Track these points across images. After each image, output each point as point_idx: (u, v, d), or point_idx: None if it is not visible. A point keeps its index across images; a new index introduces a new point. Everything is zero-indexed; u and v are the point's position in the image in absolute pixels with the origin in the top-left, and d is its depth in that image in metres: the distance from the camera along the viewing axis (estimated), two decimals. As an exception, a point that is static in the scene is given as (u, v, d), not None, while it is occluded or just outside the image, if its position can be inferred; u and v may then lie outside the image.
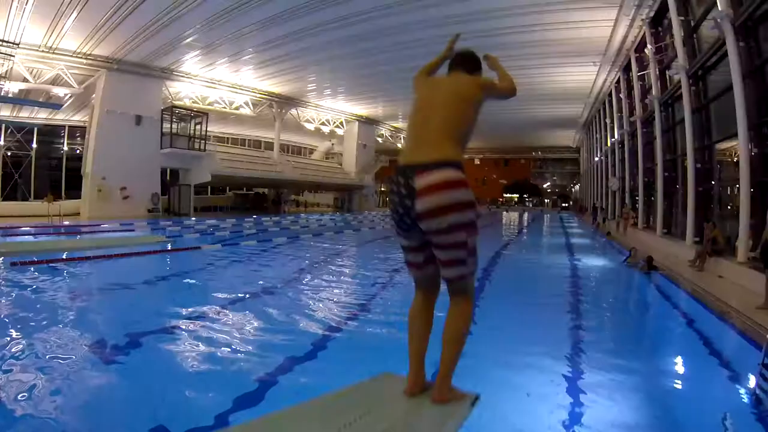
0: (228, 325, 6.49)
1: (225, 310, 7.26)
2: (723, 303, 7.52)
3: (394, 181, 2.27)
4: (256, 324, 6.64)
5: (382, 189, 54.53)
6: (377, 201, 47.78)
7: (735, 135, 9.82)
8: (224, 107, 28.30)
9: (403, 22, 17.92)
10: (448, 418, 5.60)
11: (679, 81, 13.16)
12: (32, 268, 9.03)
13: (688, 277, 9.96)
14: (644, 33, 16.82)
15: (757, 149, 9.38)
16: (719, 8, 9.67)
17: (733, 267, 9.43)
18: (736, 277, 9.17)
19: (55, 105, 22.33)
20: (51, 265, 9.39)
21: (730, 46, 9.45)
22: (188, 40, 19.24)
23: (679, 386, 5.03)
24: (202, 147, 25.64)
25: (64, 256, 10.24)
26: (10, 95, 19.41)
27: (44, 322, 5.96)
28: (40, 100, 22.21)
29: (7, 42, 17.25)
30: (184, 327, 6.26)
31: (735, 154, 10.65)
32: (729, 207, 11.95)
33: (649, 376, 5.07)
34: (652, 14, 15.57)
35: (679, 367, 5.80)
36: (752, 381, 4.56)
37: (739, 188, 9.83)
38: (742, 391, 4.59)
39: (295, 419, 4.81)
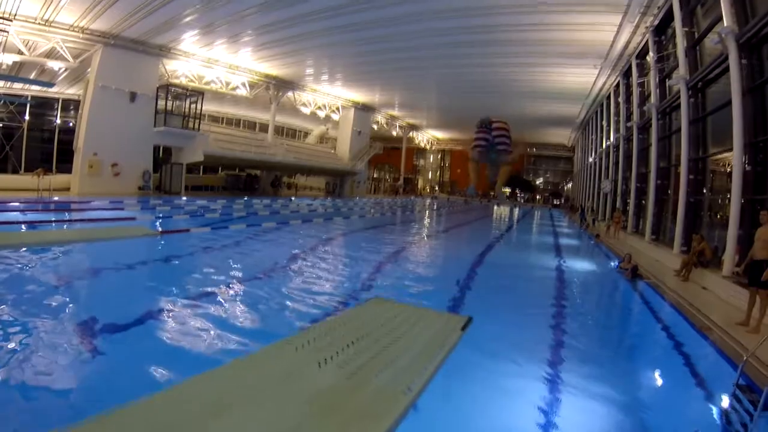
0: (206, 315, 6.60)
1: (206, 297, 7.38)
2: (704, 316, 7.63)
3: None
4: (231, 312, 6.80)
5: (375, 176, 54.53)
6: (369, 187, 47.70)
7: (730, 149, 9.91)
8: (221, 87, 27.91)
9: (404, 13, 17.73)
10: (439, 341, 5.88)
11: (679, 91, 13.20)
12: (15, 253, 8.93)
13: (672, 286, 10.07)
14: (647, 40, 16.77)
15: (751, 166, 9.44)
16: (725, 24, 9.68)
17: (717, 280, 9.54)
18: (719, 290, 9.28)
19: (47, 83, 21.91)
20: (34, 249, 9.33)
21: (733, 63, 9.49)
22: (187, 19, 18.88)
23: (652, 400, 5.13)
24: (196, 126, 25.31)
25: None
26: (3, 67, 18.99)
27: (32, 309, 6.00)
28: (32, 76, 21.76)
29: (2, 15, 16.83)
30: (165, 316, 6.42)
31: (728, 164, 10.74)
32: (718, 216, 12.08)
33: (625, 387, 5.17)
34: (656, 22, 15.52)
35: (655, 380, 5.91)
36: (725, 401, 4.69)
37: (729, 199, 9.93)
38: (714, 409, 4.72)
39: (291, 349, 5.13)
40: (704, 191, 12.65)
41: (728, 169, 10.60)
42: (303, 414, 3.78)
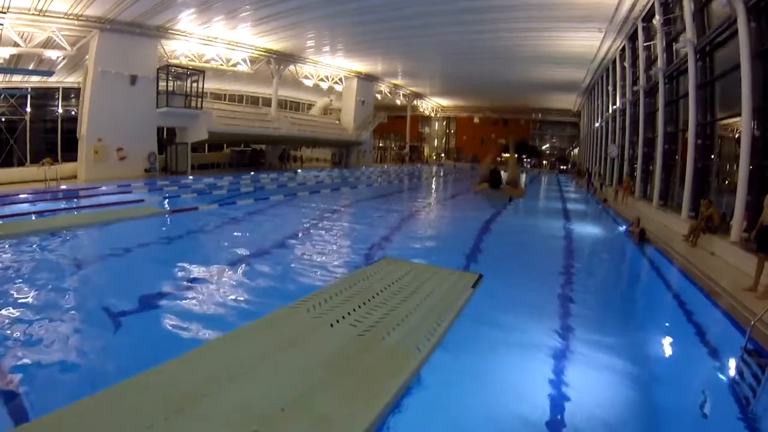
0: (220, 285, 6.91)
1: (220, 271, 7.64)
2: (713, 282, 7.71)
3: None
4: (245, 285, 7.03)
5: (381, 145, 54.37)
6: (375, 157, 47.71)
7: (738, 114, 9.81)
8: (221, 64, 27.63)
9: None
10: (449, 299, 6.02)
11: (686, 55, 12.95)
12: (31, 240, 9.13)
13: (680, 251, 10.17)
14: (653, 3, 16.30)
15: (759, 131, 9.35)
16: (733, -14, 9.45)
17: (725, 245, 9.58)
18: (728, 255, 9.33)
19: (46, 72, 21.74)
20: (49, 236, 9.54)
21: (741, 26, 9.27)
22: (183, -2, 18.59)
23: (660, 364, 5.29)
24: (198, 105, 25.16)
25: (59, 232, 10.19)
26: (0, 61, 18.79)
27: (56, 290, 6.30)
28: (31, 67, 21.56)
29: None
30: (181, 289, 6.70)
31: (737, 130, 10.65)
32: (726, 182, 12.05)
33: (633, 351, 5.30)
34: (663, -16, 15.10)
35: (664, 344, 6.04)
36: (733, 365, 4.84)
37: (737, 166, 9.86)
38: (722, 373, 4.86)
39: (303, 311, 5.30)
40: (712, 156, 12.56)
41: (737, 135, 10.51)
42: (317, 375, 3.88)
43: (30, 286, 6.44)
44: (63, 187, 17.76)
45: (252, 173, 26.36)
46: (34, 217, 11.77)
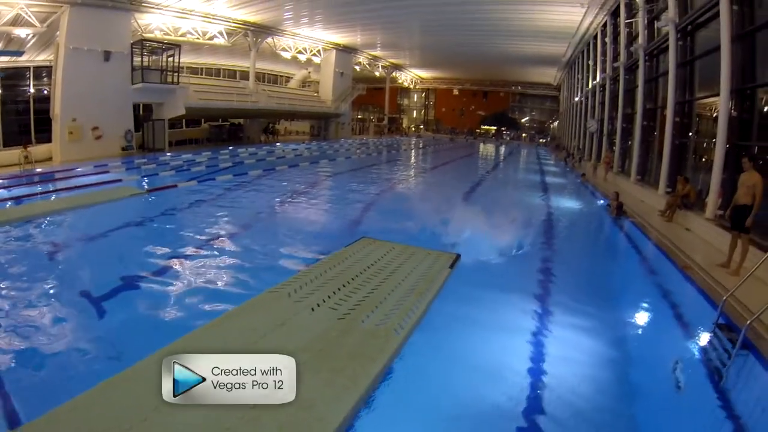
0: (200, 268, 6.96)
1: (199, 253, 7.72)
2: (687, 257, 7.96)
3: None
4: (225, 268, 7.09)
5: (359, 117, 54.09)
6: (354, 128, 47.54)
7: (717, 95, 10.01)
8: (197, 38, 26.86)
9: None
10: (427, 280, 6.16)
11: (667, 33, 13.07)
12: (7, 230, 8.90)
13: (656, 226, 10.47)
14: (636, -21, 16.32)
15: (737, 113, 9.58)
16: (716, -32, 9.54)
17: (700, 222, 9.90)
18: (702, 232, 9.65)
19: (15, 52, 20.78)
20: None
21: (723, 7, 9.38)
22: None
23: (634, 336, 5.53)
24: (175, 80, 24.52)
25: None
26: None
27: (35, 281, 6.26)
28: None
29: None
30: (160, 274, 6.73)
31: (715, 109, 10.89)
32: (703, 160, 12.36)
33: (608, 323, 5.56)
34: (646, -39, 15.05)
35: (638, 317, 6.28)
36: (704, 338, 5.02)
37: (714, 144, 10.10)
38: (694, 346, 5.05)
39: (284, 295, 5.38)
40: (690, 134, 12.84)
41: (714, 114, 10.77)
42: (300, 359, 3.95)
43: (10, 276, 6.39)
44: (38, 170, 17.19)
45: (231, 148, 26.17)
46: (9, 204, 11.33)
